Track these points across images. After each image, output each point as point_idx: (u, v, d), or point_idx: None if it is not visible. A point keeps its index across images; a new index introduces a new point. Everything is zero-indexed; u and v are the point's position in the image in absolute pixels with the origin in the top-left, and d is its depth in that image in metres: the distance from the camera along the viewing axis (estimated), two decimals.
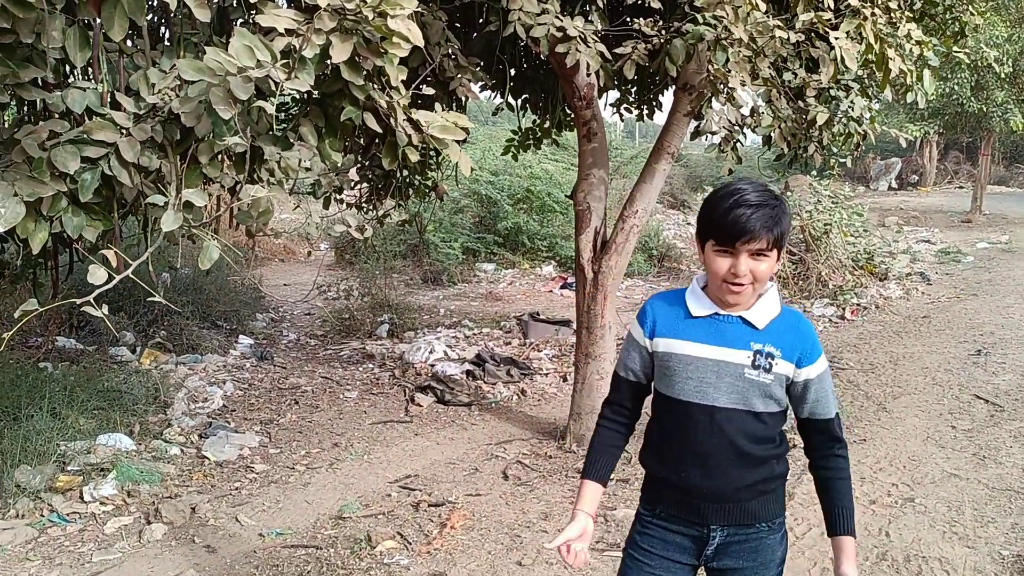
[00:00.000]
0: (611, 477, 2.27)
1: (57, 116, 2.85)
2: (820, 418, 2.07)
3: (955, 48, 5.51)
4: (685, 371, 2.02)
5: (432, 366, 7.28)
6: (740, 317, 2.01)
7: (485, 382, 6.81)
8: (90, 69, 2.91)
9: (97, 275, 2.33)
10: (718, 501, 2.05)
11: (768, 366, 1.98)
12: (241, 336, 8.37)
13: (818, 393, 2.04)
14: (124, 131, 2.66)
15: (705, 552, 2.10)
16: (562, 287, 11.93)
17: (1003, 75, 14.98)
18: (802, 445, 2.17)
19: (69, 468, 4.77)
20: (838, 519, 2.09)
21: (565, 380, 7.05)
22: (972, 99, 16.42)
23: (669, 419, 2.09)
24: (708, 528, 2.07)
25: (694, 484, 2.05)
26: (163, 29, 3.71)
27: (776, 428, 2.07)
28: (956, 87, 15.90)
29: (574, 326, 6.46)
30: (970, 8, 5.47)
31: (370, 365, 7.63)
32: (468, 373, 6.97)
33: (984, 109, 16.53)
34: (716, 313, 2.02)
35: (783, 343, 2.00)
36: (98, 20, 2.70)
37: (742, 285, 1.94)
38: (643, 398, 2.22)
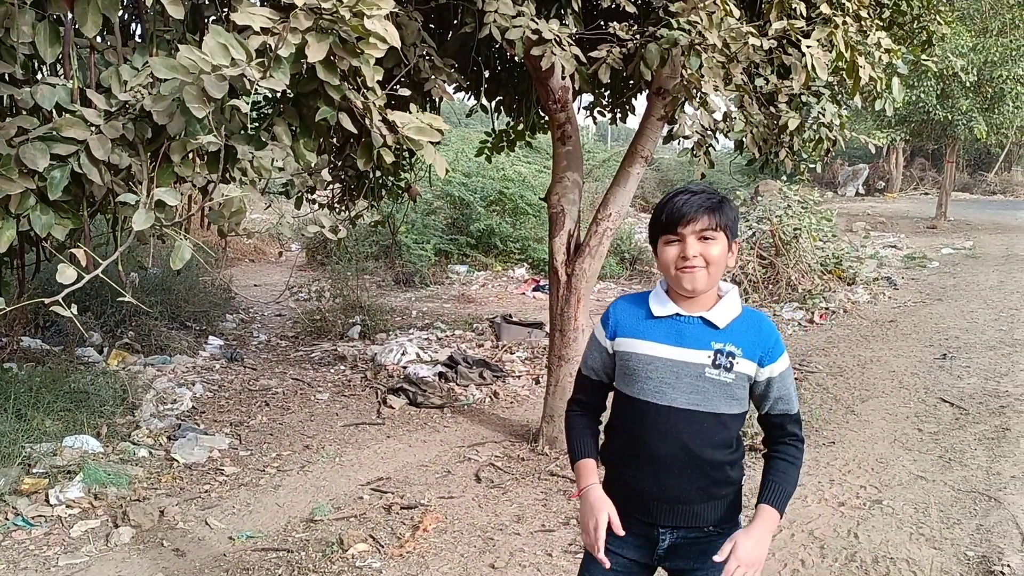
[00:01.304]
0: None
1: (26, 112, 2.81)
2: (781, 414, 2.10)
3: (923, 56, 5.60)
4: (644, 371, 2.04)
5: (404, 368, 7.26)
6: (701, 317, 2.03)
7: (457, 384, 6.80)
8: (60, 65, 2.86)
9: (66, 274, 2.30)
10: (668, 502, 2.07)
11: (729, 365, 1.99)
12: (211, 337, 8.28)
13: (780, 391, 2.07)
14: (95, 128, 2.62)
15: (657, 552, 2.13)
16: (535, 289, 11.95)
17: (968, 84, 15.26)
18: (760, 446, 2.20)
19: (34, 470, 4.69)
20: (770, 490, 2.06)
21: (538, 382, 7.06)
22: (938, 107, 16.73)
23: (627, 418, 2.11)
24: (657, 529, 2.10)
25: (647, 483, 2.08)
26: (135, 26, 3.66)
27: (734, 431, 2.09)
28: (922, 95, 16.20)
29: (547, 328, 6.47)
30: (937, 18, 5.56)
31: (342, 367, 7.58)
32: (440, 375, 6.95)
33: (949, 117, 16.84)
34: (677, 314, 2.05)
35: (744, 342, 2.02)
36: (69, 15, 2.66)
37: (694, 267, 1.97)
38: (606, 396, 2.25)
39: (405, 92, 3.44)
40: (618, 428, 2.16)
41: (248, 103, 2.64)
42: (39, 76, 3.01)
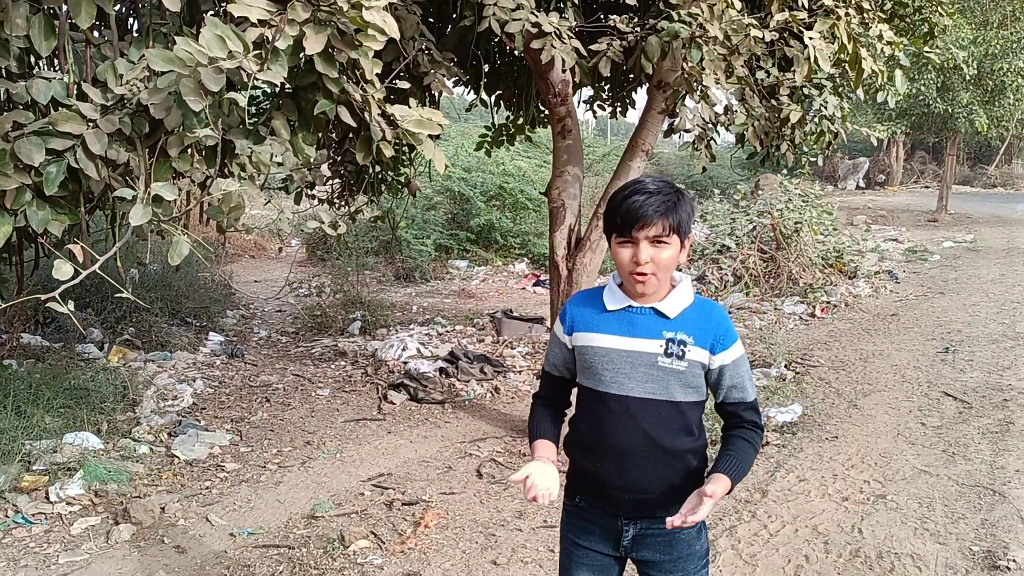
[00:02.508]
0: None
1: (21, 107, 2.78)
2: (736, 402, 2.10)
3: (925, 49, 5.57)
4: (601, 363, 2.07)
5: (405, 363, 7.24)
6: (652, 308, 2.06)
7: (458, 380, 6.78)
8: (56, 59, 2.84)
9: (62, 271, 2.27)
10: (631, 492, 2.09)
11: (681, 353, 2.01)
12: (211, 333, 8.26)
13: (734, 378, 2.07)
14: (91, 123, 2.59)
15: (622, 543, 2.15)
16: (535, 284, 11.92)
17: (969, 77, 15.22)
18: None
19: (35, 468, 4.67)
20: (726, 461, 2.03)
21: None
22: (938, 100, 16.68)
23: (589, 410, 2.14)
24: (621, 520, 2.13)
25: (609, 473, 2.10)
26: (132, 19, 3.63)
27: (694, 419, 2.11)
28: (923, 88, 16.15)
29: (548, 323, 6.45)
30: (939, 10, 5.53)
31: (342, 363, 7.56)
32: (441, 371, 6.93)
33: (950, 110, 16.79)
34: (629, 306, 2.07)
35: (695, 330, 2.03)
36: (64, 8, 2.63)
37: (644, 275, 1.98)
38: (569, 391, 2.28)
39: (404, 85, 3.42)
40: (581, 420, 2.18)
41: (246, 97, 2.61)
42: (34, 70, 2.98)
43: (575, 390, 2.24)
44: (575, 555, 2.23)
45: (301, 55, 2.58)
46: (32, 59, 3.01)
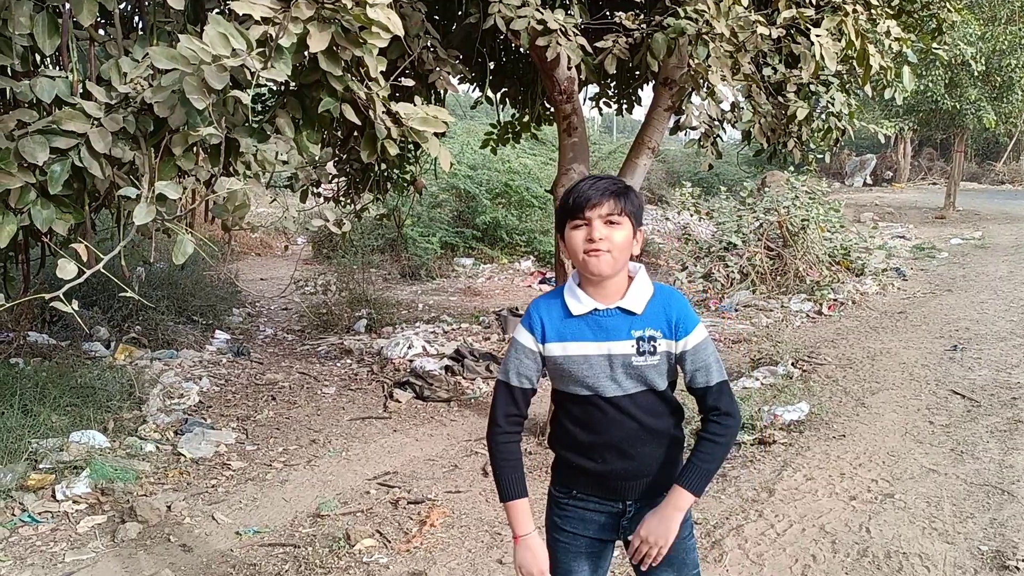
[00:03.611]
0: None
1: (25, 105, 2.77)
2: (701, 385, 2.10)
3: (934, 45, 5.54)
4: (580, 370, 2.09)
5: (411, 362, 7.23)
6: (619, 308, 2.08)
7: (464, 378, 6.77)
8: (60, 57, 2.83)
9: (66, 270, 2.27)
10: (635, 478, 2.14)
11: (652, 349, 2.06)
12: (217, 331, 8.27)
13: (697, 362, 2.09)
14: (95, 121, 2.59)
15: (622, 524, 2.20)
16: (541, 282, 11.91)
17: (976, 73, 15.14)
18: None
19: (41, 466, 4.67)
20: (688, 471, 2.07)
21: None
22: (946, 96, 16.60)
23: (578, 412, 2.15)
24: (624, 504, 2.17)
25: (613, 467, 2.13)
26: (136, 17, 3.62)
27: (673, 398, 2.18)
28: (930, 84, 16.07)
29: None
30: (947, 5, 5.49)
31: (348, 361, 7.56)
32: (447, 369, 6.92)
33: (958, 106, 16.71)
34: (595, 309, 2.08)
35: (660, 323, 2.07)
36: (67, 6, 2.62)
37: (599, 250, 2.00)
38: (529, 402, 2.24)
39: (409, 83, 3.41)
40: (570, 421, 2.18)
41: (250, 95, 2.60)
42: (38, 68, 2.97)
43: (549, 393, 2.26)
44: (571, 546, 2.23)
45: (305, 53, 2.57)
46: (36, 57, 3.01)
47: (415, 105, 2.90)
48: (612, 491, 2.17)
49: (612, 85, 6.80)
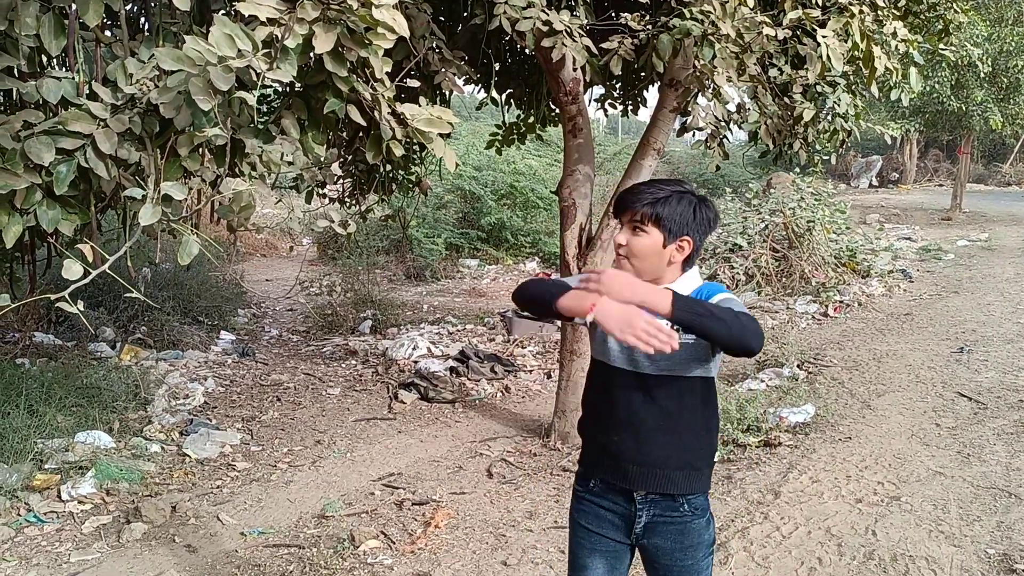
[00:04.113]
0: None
1: (31, 106, 2.78)
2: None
3: (940, 46, 5.52)
4: (616, 340, 2.05)
5: (415, 363, 7.23)
6: (665, 288, 2.07)
7: (469, 379, 6.77)
8: (66, 58, 2.83)
9: (72, 270, 2.27)
10: (646, 466, 2.14)
11: None
12: (223, 332, 8.28)
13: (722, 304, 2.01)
14: (101, 122, 2.59)
15: (634, 530, 2.19)
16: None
17: (983, 74, 15.08)
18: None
19: (46, 466, 4.68)
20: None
21: (549, 377, 7.02)
22: (952, 98, 16.54)
23: (605, 386, 2.20)
24: (635, 504, 2.17)
25: (626, 448, 2.15)
26: (142, 19, 3.63)
27: (707, 395, 2.16)
28: (936, 86, 16.01)
29: (558, 323, 6.42)
30: (954, 6, 5.47)
31: (353, 362, 7.56)
32: (452, 370, 6.92)
33: (964, 108, 16.65)
34: None
35: None
36: (73, 7, 2.63)
37: (619, 256, 2.10)
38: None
39: (415, 83, 3.40)
40: (598, 399, 2.24)
41: (255, 96, 2.60)
42: (45, 69, 2.98)
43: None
44: (587, 541, 2.26)
45: (311, 54, 2.57)
46: (42, 58, 3.01)
47: (420, 106, 2.90)
48: (623, 477, 2.16)
49: (617, 86, 6.79)
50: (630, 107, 6.96)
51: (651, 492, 2.16)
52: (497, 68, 5.65)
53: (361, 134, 4.55)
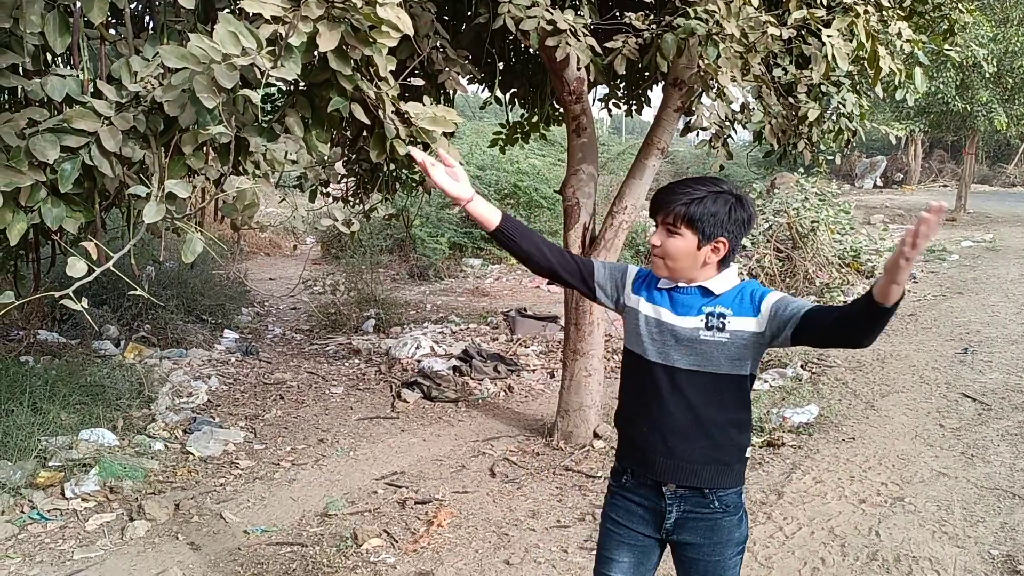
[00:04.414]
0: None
1: (36, 104, 2.78)
2: (801, 313, 2.01)
3: (945, 46, 5.50)
4: (649, 332, 2.17)
5: (418, 362, 7.23)
6: (699, 286, 2.15)
7: (472, 378, 6.77)
8: (71, 56, 2.84)
9: (76, 268, 2.27)
10: (673, 458, 2.15)
11: (721, 325, 2.09)
12: (226, 330, 8.29)
13: (786, 305, 2.04)
14: (105, 120, 2.59)
15: (664, 526, 2.21)
16: (549, 283, 11.88)
17: (988, 75, 15.03)
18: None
19: (50, 464, 4.69)
20: (867, 295, 1.85)
21: (552, 376, 7.02)
22: (957, 98, 16.49)
23: (636, 378, 2.24)
24: (665, 499, 2.18)
25: (654, 440, 2.17)
26: (147, 17, 3.63)
27: (738, 392, 2.15)
28: (941, 86, 15.97)
29: (562, 322, 6.42)
30: (959, 7, 5.45)
31: (356, 360, 7.57)
32: (455, 369, 6.92)
33: (969, 108, 16.60)
34: (677, 285, 2.18)
35: (733, 304, 2.12)
36: (78, 4, 2.63)
37: (654, 256, 2.14)
38: (578, 272, 2.29)
39: (419, 82, 3.40)
40: (629, 390, 2.28)
41: (259, 94, 2.60)
42: (50, 67, 2.98)
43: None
44: (616, 535, 2.28)
45: (315, 52, 2.57)
46: (47, 56, 3.02)
47: (424, 105, 2.90)
48: (651, 468, 2.18)
49: (622, 86, 6.78)
50: (634, 107, 6.95)
51: (680, 486, 2.17)
52: (501, 67, 5.65)
53: (365, 133, 4.55)
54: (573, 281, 2.30)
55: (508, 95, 6.58)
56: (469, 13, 5.06)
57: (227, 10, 3.13)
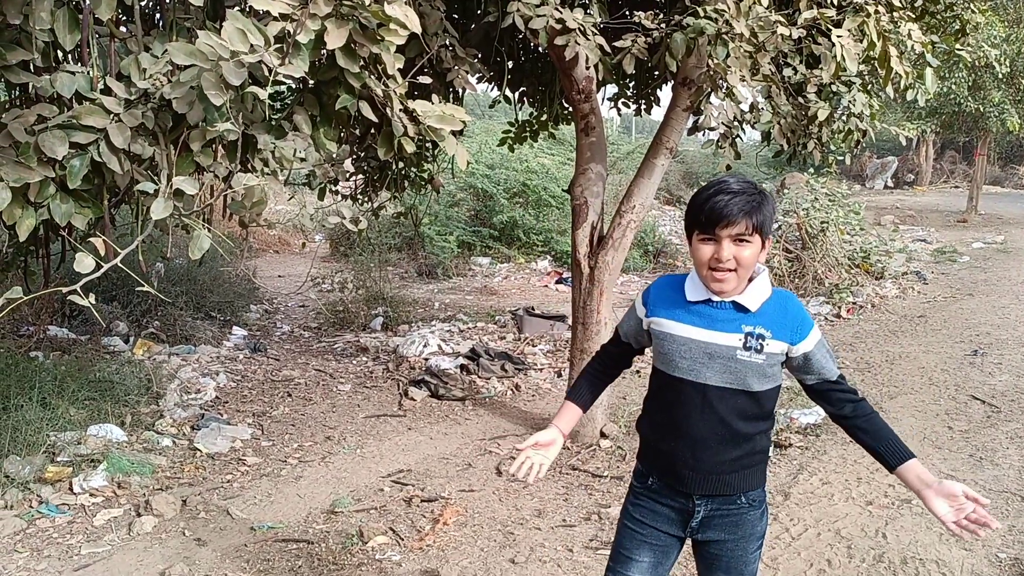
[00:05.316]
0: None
1: (46, 100, 2.80)
2: (823, 381, 2.15)
3: (957, 46, 5.47)
4: (679, 351, 2.13)
5: (426, 360, 7.24)
6: (733, 302, 2.10)
7: (479, 376, 6.77)
8: (80, 53, 2.85)
9: (84, 264, 2.28)
10: (702, 473, 2.15)
11: (759, 347, 2.07)
12: (235, 327, 8.31)
13: (818, 365, 2.13)
14: (114, 117, 2.60)
15: (690, 524, 2.22)
16: (557, 282, 11.89)
17: (1001, 75, 14.95)
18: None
19: (59, 459, 4.72)
20: (890, 451, 2.10)
21: (560, 375, 7.02)
22: (969, 99, 16.41)
23: (665, 395, 2.21)
24: (693, 501, 2.19)
25: (683, 456, 2.16)
26: (157, 14, 3.65)
27: (769, 404, 2.17)
28: (953, 86, 15.89)
29: (569, 321, 6.42)
30: (971, 7, 5.42)
31: (364, 358, 7.58)
32: (462, 367, 6.93)
33: (981, 109, 16.52)
34: (710, 299, 2.11)
35: (773, 324, 2.08)
36: (87, 1, 2.64)
37: (726, 271, 2.03)
38: (630, 357, 2.45)
39: (427, 80, 3.40)
40: (656, 404, 2.26)
41: (267, 92, 2.60)
42: (59, 64, 2.99)
43: (648, 370, 2.32)
44: (639, 534, 2.27)
45: (323, 50, 2.57)
46: (57, 53, 3.03)
47: (432, 103, 2.90)
48: (679, 480, 2.18)
49: (631, 85, 6.78)
50: (643, 106, 6.94)
51: (709, 495, 2.19)
52: (510, 66, 5.65)
53: (373, 131, 4.55)
54: (630, 359, 2.44)
55: (517, 94, 6.59)
56: (478, 12, 5.07)
57: (236, 7, 3.14)
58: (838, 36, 4.11)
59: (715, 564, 2.25)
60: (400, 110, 2.86)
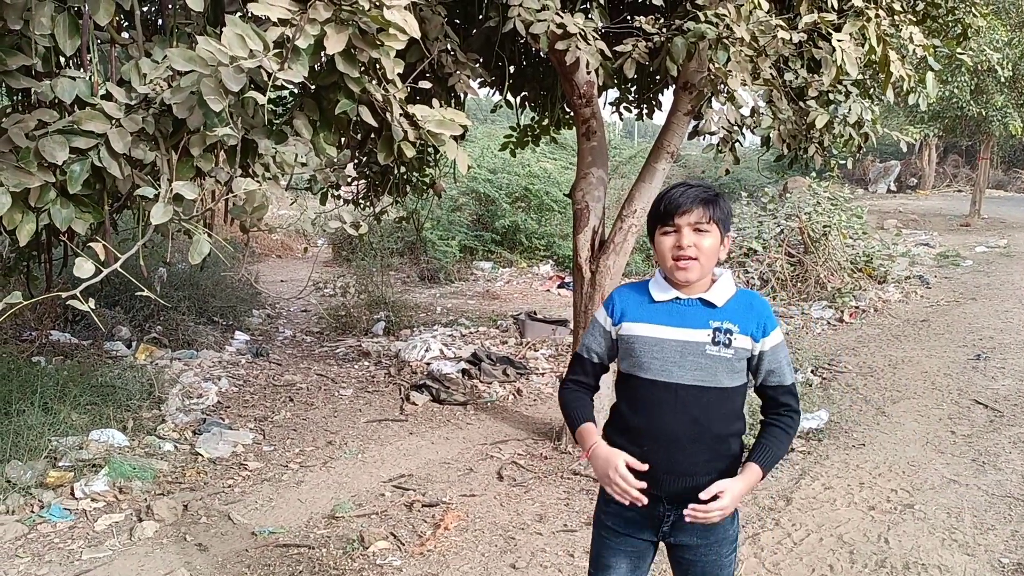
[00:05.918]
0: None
1: (46, 105, 2.80)
2: (775, 385, 2.20)
3: (958, 50, 5.47)
4: (650, 352, 2.15)
5: (428, 364, 7.23)
6: (699, 299, 2.16)
7: (481, 381, 6.77)
8: (81, 58, 2.86)
9: (83, 269, 2.28)
10: (676, 474, 2.15)
11: (728, 341, 2.12)
12: (237, 332, 8.32)
13: (772, 363, 2.17)
14: (115, 122, 2.60)
15: (662, 528, 2.23)
16: (559, 286, 11.89)
17: (1003, 79, 14.94)
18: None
19: (61, 464, 4.72)
20: (761, 451, 2.16)
21: (560, 379, 7.00)
22: (972, 103, 16.40)
23: (635, 397, 2.21)
24: (663, 505, 2.19)
25: (657, 458, 2.14)
26: (158, 19, 3.66)
27: (738, 404, 2.20)
28: (956, 90, 15.87)
29: (571, 326, 6.41)
30: (972, 10, 5.42)
31: (366, 363, 7.58)
32: (464, 372, 6.92)
33: (984, 113, 16.51)
34: (677, 297, 2.17)
35: (740, 319, 2.14)
36: (87, 6, 2.65)
37: (688, 259, 2.10)
38: (600, 376, 2.39)
39: (427, 85, 3.40)
40: (626, 406, 2.24)
41: (267, 97, 2.61)
42: (60, 69, 3.00)
43: (612, 377, 2.32)
44: (612, 543, 2.29)
45: (322, 54, 2.58)
46: (57, 58, 3.04)
47: (432, 108, 2.90)
48: (653, 483, 2.15)
49: (632, 89, 6.78)
50: (645, 110, 6.95)
51: (682, 500, 2.16)
52: (511, 70, 5.66)
53: (373, 135, 4.56)
54: (598, 382, 2.38)
55: (519, 98, 6.59)
56: (479, 16, 5.07)
57: (236, 13, 3.15)
58: (839, 40, 4.11)
59: (690, 571, 2.26)
60: (400, 115, 2.86)
